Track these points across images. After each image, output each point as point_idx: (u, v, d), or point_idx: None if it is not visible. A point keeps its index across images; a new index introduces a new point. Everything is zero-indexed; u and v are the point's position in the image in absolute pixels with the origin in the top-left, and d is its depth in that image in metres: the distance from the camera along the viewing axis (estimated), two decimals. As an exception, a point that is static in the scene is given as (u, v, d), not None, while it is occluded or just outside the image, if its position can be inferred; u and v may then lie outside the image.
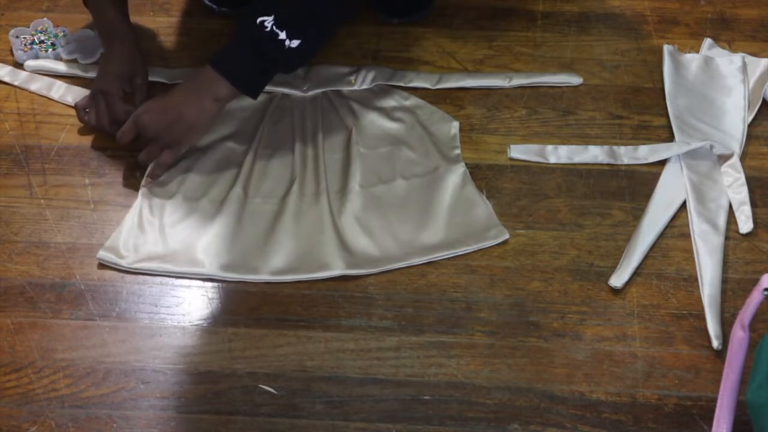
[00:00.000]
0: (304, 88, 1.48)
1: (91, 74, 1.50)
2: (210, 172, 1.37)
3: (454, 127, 1.44)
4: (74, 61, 1.52)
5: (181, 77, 1.48)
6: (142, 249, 1.27)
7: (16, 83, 1.50)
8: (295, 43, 1.27)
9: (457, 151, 1.40)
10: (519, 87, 1.50)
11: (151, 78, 1.45)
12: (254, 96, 1.34)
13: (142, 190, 1.34)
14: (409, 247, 1.29)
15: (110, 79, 1.38)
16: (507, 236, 1.30)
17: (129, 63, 1.40)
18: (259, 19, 1.27)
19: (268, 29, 1.26)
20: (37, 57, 1.52)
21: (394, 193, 1.35)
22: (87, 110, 1.39)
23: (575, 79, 1.52)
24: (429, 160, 1.39)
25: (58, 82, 1.49)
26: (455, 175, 1.37)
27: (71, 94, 1.47)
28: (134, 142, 1.34)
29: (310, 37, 1.29)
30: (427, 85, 1.50)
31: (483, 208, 1.33)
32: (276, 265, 1.26)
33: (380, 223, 1.31)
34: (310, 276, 1.25)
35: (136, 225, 1.30)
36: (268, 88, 1.46)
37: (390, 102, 1.48)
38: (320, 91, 1.48)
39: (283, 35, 1.27)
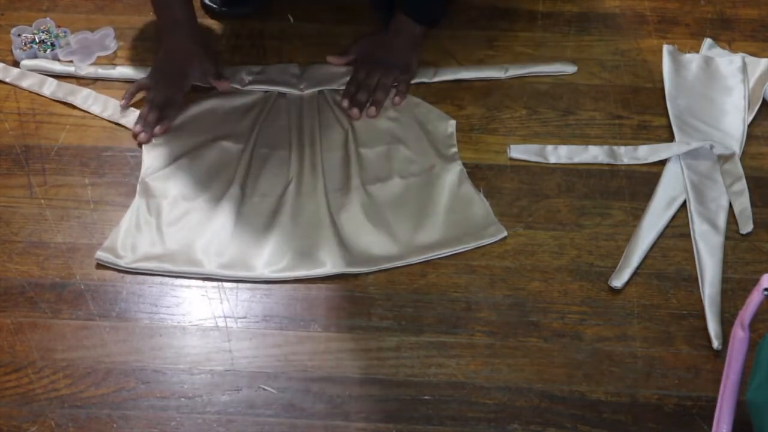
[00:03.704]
0: (301, 87, 1.48)
1: (87, 74, 1.49)
2: (206, 172, 1.37)
3: (451, 125, 1.44)
4: (70, 62, 1.52)
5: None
6: (139, 249, 1.27)
7: (7, 80, 1.49)
8: None
9: (454, 150, 1.40)
10: (516, 77, 1.50)
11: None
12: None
13: (138, 189, 1.34)
14: (406, 246, 1.29)
15: (161, 86, 1.42)
16: (505, 234, 1.30)
17: (183, 58, 1.43)
18: None
19: None
20: (35, 56, 1.52)
21: (390, 191, 1.35)
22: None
23: (570, 68, 1.52)
24: (425, 159, 1.39)
25: (50, 79, 1.49)
26: (452, 174, 1.37)
27: (62, 91, 1.47)
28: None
29: None
30: (424, 79, 1.50)
31: (480, 206, 1.33)
32: (273, 263, 1.26)
33: (378, 221, 1.31)
34: (307, 274, 1.25)
35: (134, 225, 1.30)
36: (264, 87, 1.47)
37: (387, 100, 1.47)
38: (317, 90, 1.48)
39: None
